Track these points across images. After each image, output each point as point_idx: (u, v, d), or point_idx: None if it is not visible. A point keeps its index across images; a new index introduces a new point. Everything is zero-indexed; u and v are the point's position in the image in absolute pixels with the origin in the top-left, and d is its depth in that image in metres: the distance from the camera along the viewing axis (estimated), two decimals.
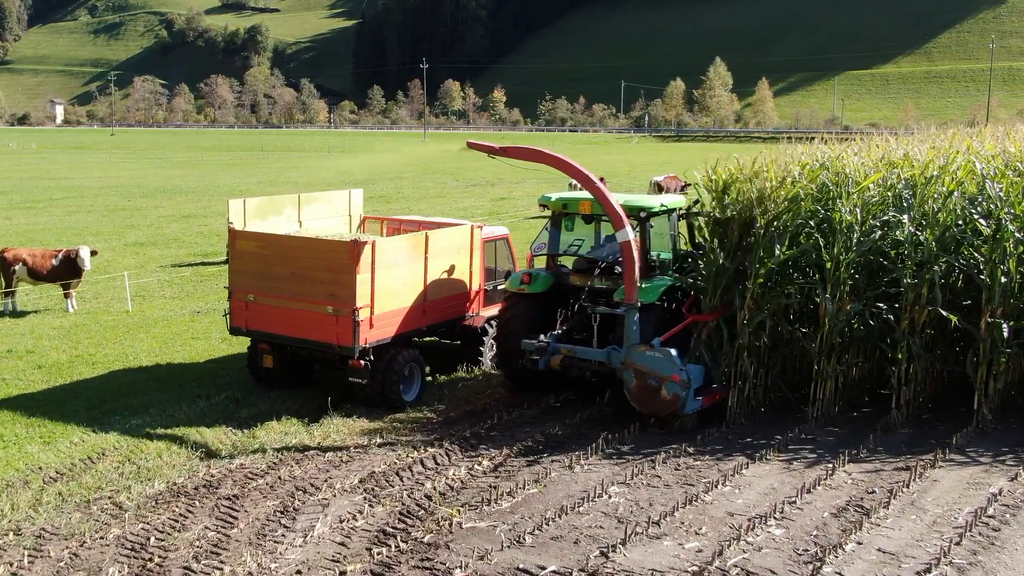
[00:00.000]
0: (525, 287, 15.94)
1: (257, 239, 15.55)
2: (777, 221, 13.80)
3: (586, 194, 15.45)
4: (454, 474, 12.26)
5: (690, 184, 49.40)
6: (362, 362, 14.65)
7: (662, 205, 15.71)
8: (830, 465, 12.25)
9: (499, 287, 17.79)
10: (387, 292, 14.81)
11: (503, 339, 16.13)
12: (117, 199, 49.84)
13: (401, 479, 12.14)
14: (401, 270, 15.14)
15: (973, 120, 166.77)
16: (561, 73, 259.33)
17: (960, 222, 14.16)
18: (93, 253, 22.44)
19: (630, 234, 14.21)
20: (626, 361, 14.09)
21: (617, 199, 14.70)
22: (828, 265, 13.71)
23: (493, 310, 17.40)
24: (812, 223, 14.25)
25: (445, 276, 16.20)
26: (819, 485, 11.64)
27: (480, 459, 12.75)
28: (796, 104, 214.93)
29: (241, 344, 17.82)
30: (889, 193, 14.45)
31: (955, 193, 14.05)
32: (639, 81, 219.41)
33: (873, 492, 11.45)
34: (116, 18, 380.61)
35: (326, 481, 11.99)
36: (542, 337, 15.35)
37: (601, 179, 14.11)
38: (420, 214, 43.53)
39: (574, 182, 18.40)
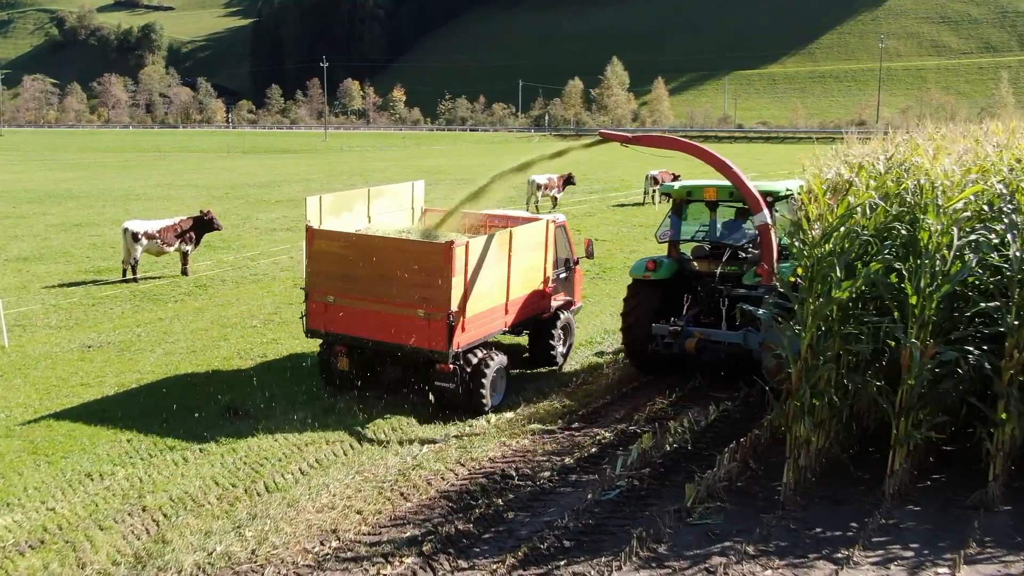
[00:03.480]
0: (650, 274, 15.93)
1: (339, 239, 14.72)
2: (835, 242, 10.53)
3: (710, 181, 16.17)
4: None
5: (679, 176, 47.24)
6: (451, 366, 13.91)
7: (787, 190, 15.39)
8: (942, 571, 9.16)
9: (561, 276, 17.39)
10: (477, 293, 14.14)
11: (630, 326, 16.00)
12: (0, 205, 44.82)
13: None
14: (489, 270, 14.42)
15: (860, 119, 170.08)
16: (460, 72, 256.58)
17: None
18: None
19: (768, 217, 14.16)
20: (765, 343, 13.70)
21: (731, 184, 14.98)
22: (913, 299, 10.34)
23: (558, 301, 17.06)
24: (887, 244, 10.96)
25: (525, 273, 15.66)
26: None
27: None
28: (689, 103, 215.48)
29: (149, 393, 14.77)
30: (985, 206, 11.18)
31: None
32: (537, 80, 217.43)
33: None
34: (4, 15, 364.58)
35: None
36: (675, 321, 15.49)
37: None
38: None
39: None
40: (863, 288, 10.53)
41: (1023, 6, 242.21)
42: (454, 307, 13.60)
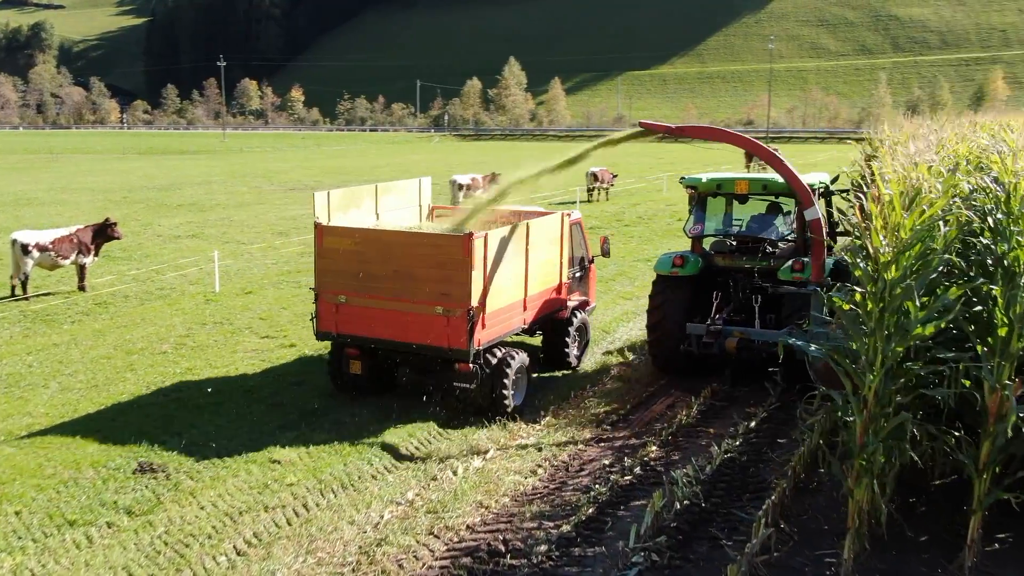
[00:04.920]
0: (678, 270, 15.19)
1: (351, 235, 13.73)
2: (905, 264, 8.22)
3: (741, 174, 16.02)
4: None
5: (617, 175, 46.85)
6: (471, 365, 13.02)
7: (820, 183, 15.09)
8: None
9: (577, 275, 16.66)
10: (497, 288, 13.32)
11: (657, 323, 15.31)
12: None
13: None
14: (508, 264, 13.59)
15: (749, 119, 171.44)
16: (358, 72, 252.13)
17: None
18: None
19: (819, 211, 13.58)
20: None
21: (767, 177, 15.06)
22: (1002, 331, 8.22)
23: (574, 300, 16.40)
24: (970, 263, 8.85)
25: (542, 268, 14.85)
26: None
27: None
28: (584, 103, 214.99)
29: (42, 444, 11.97)
30: None
31: None
32: (435, 80, 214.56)
33: None
34: None
35: None
36: (714, 319, 14.87)
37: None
38: (270, 220, 38.20)
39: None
40: (946, 321, 8.24)
41: (895, 10, 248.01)
42: (474, 302, 12.74)
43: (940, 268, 8.36)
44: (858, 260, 8.43)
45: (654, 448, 12.16)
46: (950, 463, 8.79)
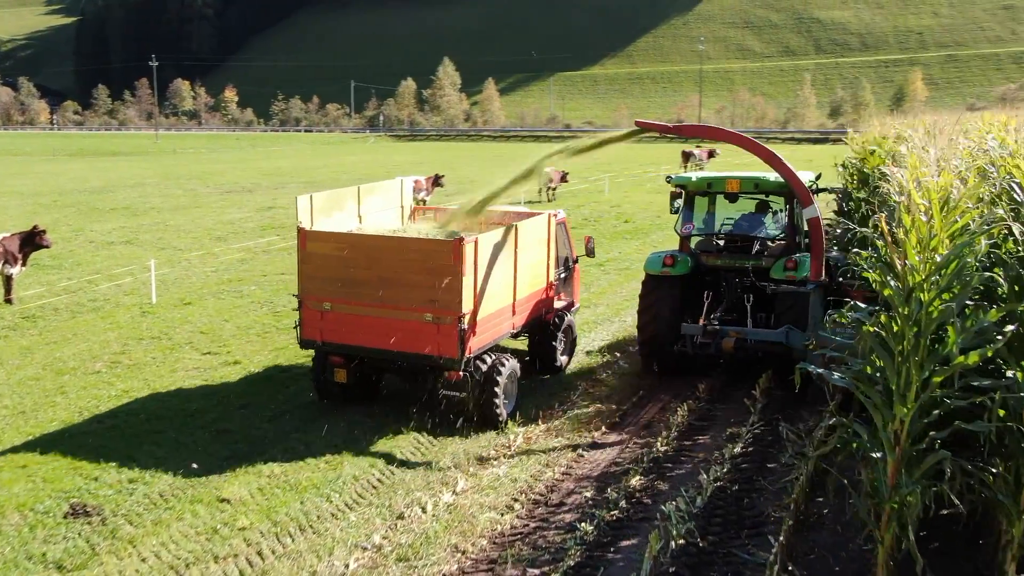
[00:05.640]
0: (669, 269, 14.88)
1: (335, 240, 13.15)
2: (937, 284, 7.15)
3: (733, 172, 15.66)
4: None
5: (568, 173, 46.00)
6: (462, 374, 12.54)
7: (810, 182, 14.70)
8: None
9: (562, 276, 16.10)
10: (487, 294, 12.78)
11: (648, 323, 14.93)
12: None
13: None
14: (498, 268, 13.04)
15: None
16: (292, 72, 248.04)
17: None
18: None
19: (818, 210, 13.25)
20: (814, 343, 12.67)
21: (758, 176, 14.94)
22: None
23: (560, 302, 15.99)
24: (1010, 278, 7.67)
25: (530, 271, 14.34)
26: None
27: None
28: (518, 103, 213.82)
29: None
30: None
31: None
32: (369, 81, 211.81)
33: None
34: None
35: None
36: (711, 319, 14.54)
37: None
38: (207, 224, 36.21)
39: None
40: (990, 349, 7.08)
41: (817, 13, 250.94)
42: (465, 309, 12.18)
43: (979, 286, 7.37)
44: (888, 279, 7.40)
45: (637, 477, 11.06)
46: (981, 501, 7.81)
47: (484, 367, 12.90)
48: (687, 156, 62.25)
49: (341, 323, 13.02)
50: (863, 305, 8.83)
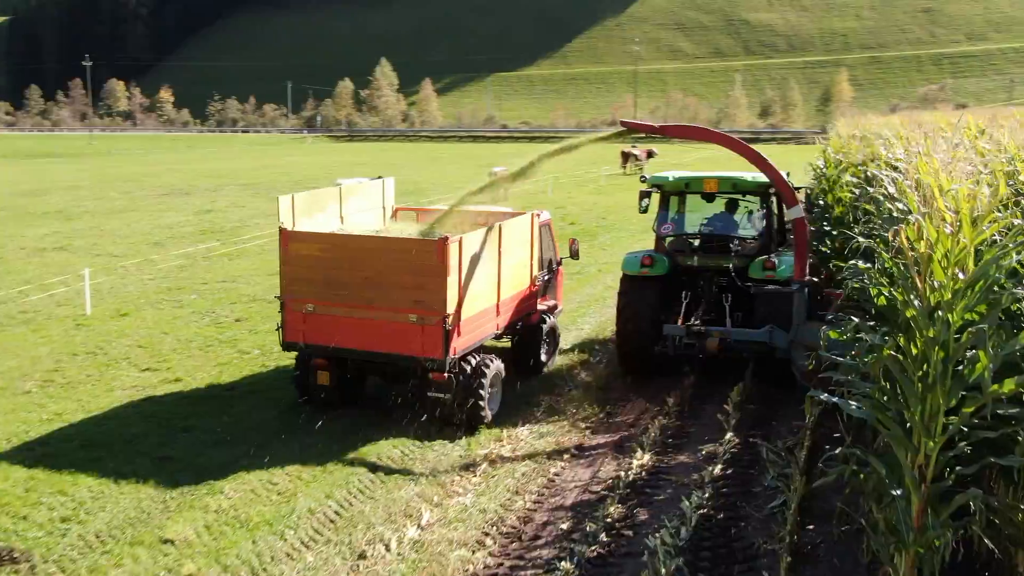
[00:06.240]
0: (647, 270, 14.66)
1: (318, 240, 12.98)
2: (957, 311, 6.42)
3: (710, 172, 15.60)
4: None
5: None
6: (447, 375, 12.29)
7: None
8: None
9: (546, 277, 15.80)
10: (471, 294, 12.61)
11: (626, 323, 14.62)
12: None
13: None
14: (482, 268, 12.86)
15: (614, 119, 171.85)
16: (229, 73, 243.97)
17: None
18: None
19: (802, 211, 13.30)
20: (796, 340, 13.03)
21: (736, 176, 15.03)
22: None
23: (545, 303, 15.76)
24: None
25: (514, 271, 14.14)
26: None
27: None
28: (455, 104, 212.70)
29: None
30: None
31: None
32: (307, 81, 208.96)
33: None
34: None
35: None
36: (693, 321, 14.09)
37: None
38: (144, 229, 34.57)
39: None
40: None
41: (745, 15, 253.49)
42: (450, 309, 11.99)
43: (1009, 306, 6.64)
44: (911, 298, 6.61)
45: (615, 505, 10.19)
46: (1006, 538, 7.09)
47: (469, 368, 12.66)
48: (626, 156, 61.79)
49: (324, 325, 12.76)
50: (855, 319, 8.13)
